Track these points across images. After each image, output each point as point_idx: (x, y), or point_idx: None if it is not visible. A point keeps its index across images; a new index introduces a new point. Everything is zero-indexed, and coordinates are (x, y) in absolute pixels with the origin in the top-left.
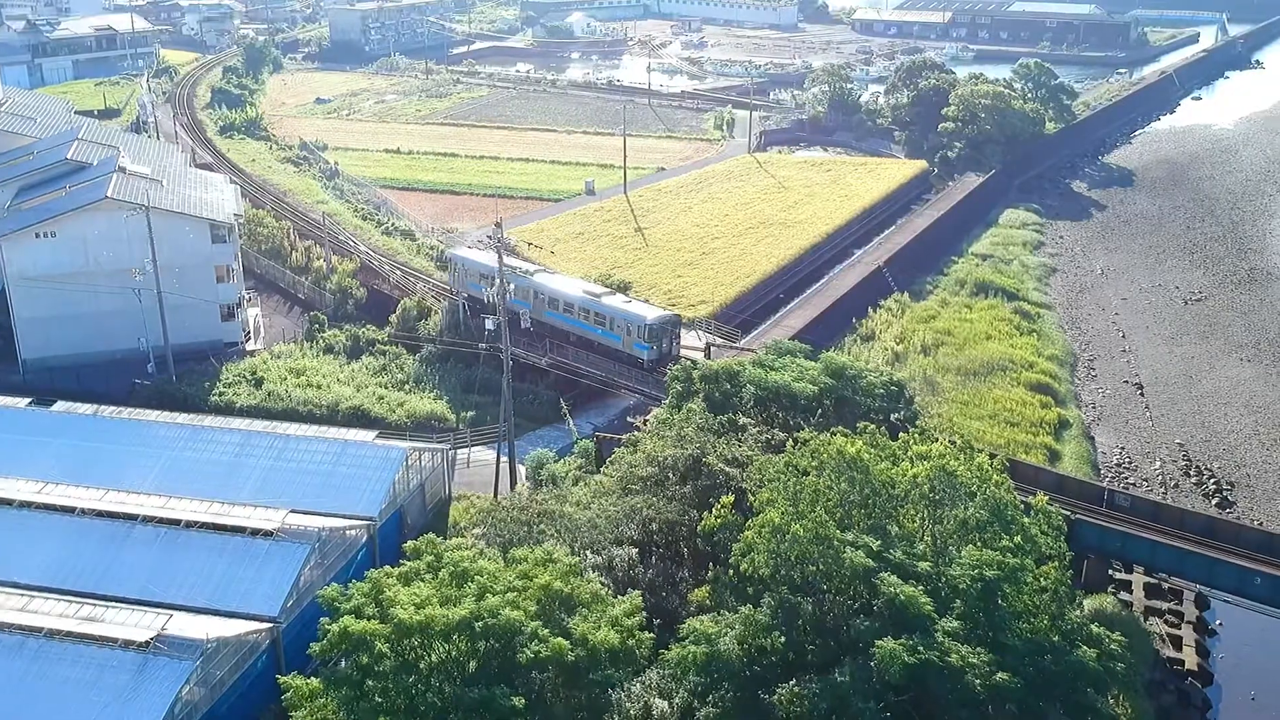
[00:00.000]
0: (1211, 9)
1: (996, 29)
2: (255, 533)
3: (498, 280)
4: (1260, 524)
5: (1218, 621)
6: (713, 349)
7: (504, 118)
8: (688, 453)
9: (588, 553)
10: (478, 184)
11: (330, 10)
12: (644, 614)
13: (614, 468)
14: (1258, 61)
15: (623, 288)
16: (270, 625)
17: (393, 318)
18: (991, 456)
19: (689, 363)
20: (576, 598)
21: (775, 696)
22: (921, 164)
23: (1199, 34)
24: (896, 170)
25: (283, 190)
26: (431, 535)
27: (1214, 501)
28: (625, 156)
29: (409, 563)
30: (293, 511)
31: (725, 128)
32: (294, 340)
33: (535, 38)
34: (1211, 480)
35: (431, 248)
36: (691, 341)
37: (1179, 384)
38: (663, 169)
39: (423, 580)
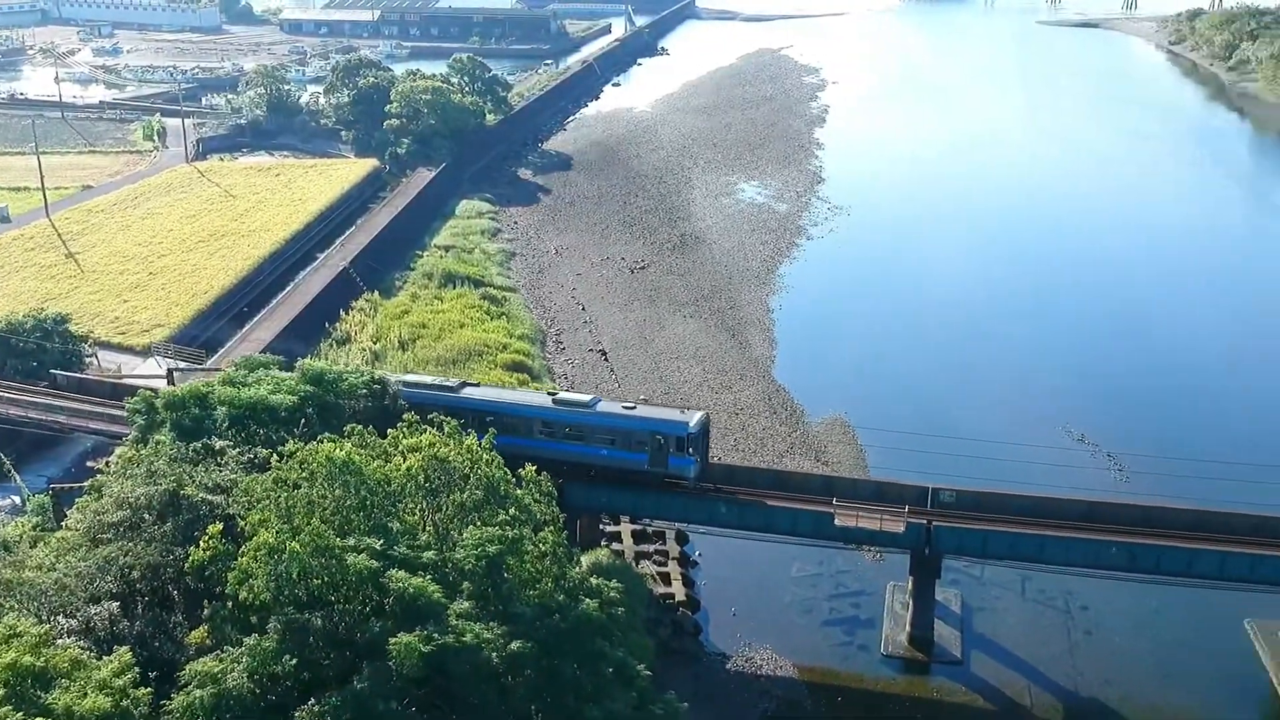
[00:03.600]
0: (618, 1)
1: (427, 25)
2: None
3: None
4: (717, 459)
5: (697, 553)
6: (176, 374)
7: None
8: (162, 488)
9: (59, 618)
10: None
11: None
12: (137, 670)
13: (78, 519)
14: (663, 49)
15: (60, 323)
16: None
17: None
18: (480, 438)
19: (148, 391)
20: (53, 669)
21: None
22: (373, 162)
23: (611, 25)
24: (348, 170)
25: None
26: None
27: None
28: (42, 177)
29: None
30: None
31: (156, 138)
32: None
33: None
34: None
35: None
36: (151, 369)
37: (636, 345)
38: (89, 187)
39: None
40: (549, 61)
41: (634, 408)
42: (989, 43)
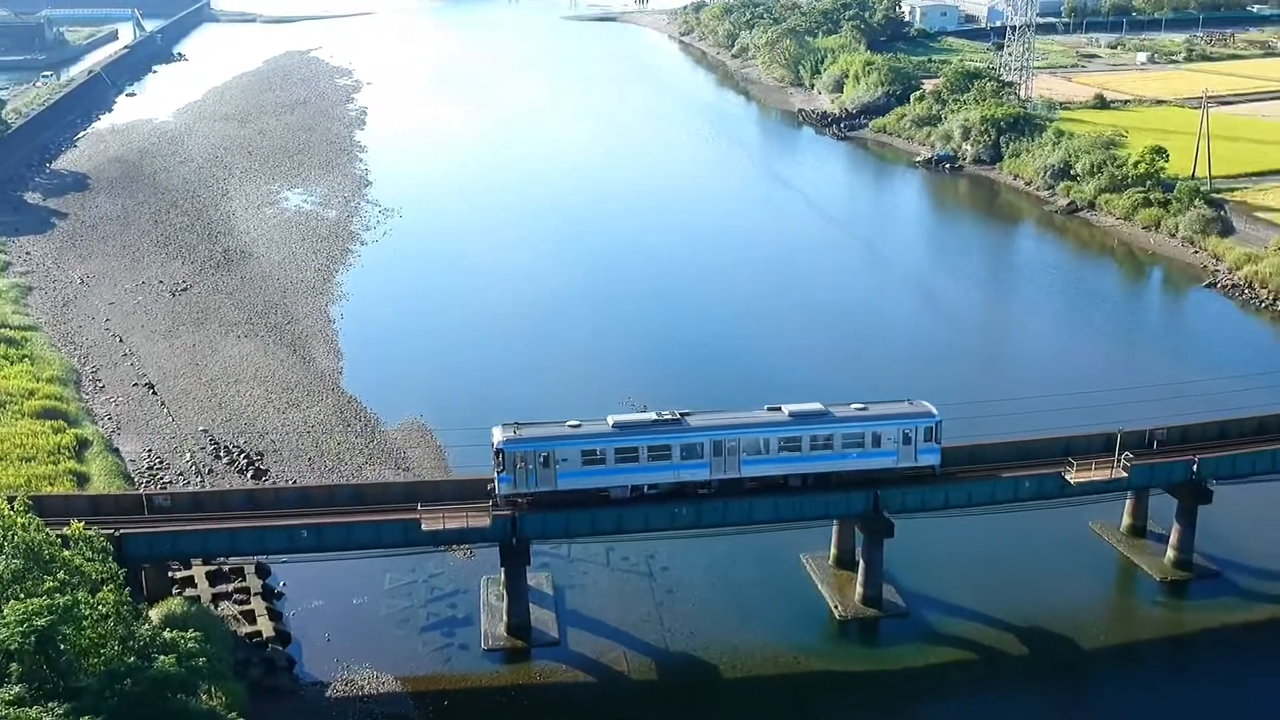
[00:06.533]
0: (123, 5)
1: None
2: None
3: None
4: (294, 482)
5: (282, 584)
6: None
7: None
8: None
9: None
10: None
11: None
12: None
13: None
14: (180, 54)
15: None
16: None
17: None
18: (11, 500)
19: None
20: None
21: None
22: None
23: (118, 31)
24: None
25: None
26: None
27: (250, 475)
28: None
29: None
30: None
31: None
32: None
33: None
34: (242, 455)
35: None
36: None
37: (188, 374)
38: None
39: None
40: (48, 73)
41: (865, 407)
42: (518, 37)
